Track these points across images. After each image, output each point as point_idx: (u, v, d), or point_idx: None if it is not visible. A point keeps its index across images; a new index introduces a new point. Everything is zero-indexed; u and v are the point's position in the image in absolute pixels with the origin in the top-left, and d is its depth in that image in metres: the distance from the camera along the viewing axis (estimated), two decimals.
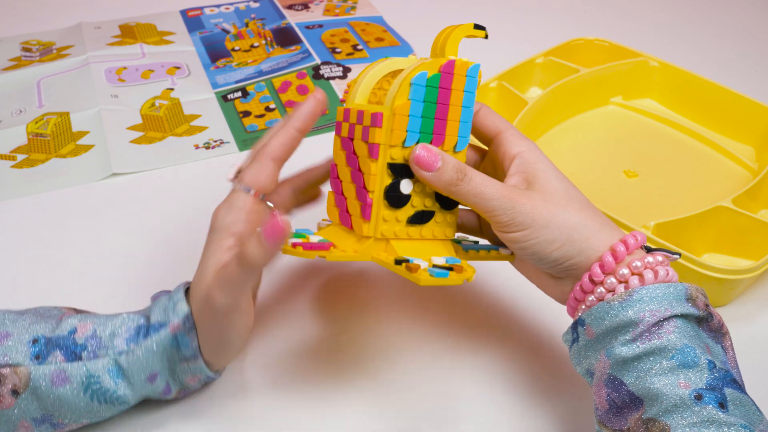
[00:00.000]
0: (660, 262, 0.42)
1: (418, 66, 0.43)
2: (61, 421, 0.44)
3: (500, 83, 0.74)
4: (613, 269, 0.41)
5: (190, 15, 0.99)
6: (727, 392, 0.37)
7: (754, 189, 0.62)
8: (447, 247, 0.47)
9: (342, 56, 0.89)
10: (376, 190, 0.44)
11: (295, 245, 0.42)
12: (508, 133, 0.46)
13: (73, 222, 0.64)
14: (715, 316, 0.41)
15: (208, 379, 0.47)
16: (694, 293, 0.41)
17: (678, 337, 0.39)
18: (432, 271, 0.41)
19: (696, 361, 0.38)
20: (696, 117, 0.75)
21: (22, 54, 0.89)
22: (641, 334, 0.39)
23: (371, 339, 0.54)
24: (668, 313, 0.39)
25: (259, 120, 0.78)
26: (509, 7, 1.02)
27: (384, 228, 0.45)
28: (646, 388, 0.38)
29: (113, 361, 0.43)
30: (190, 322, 0.44)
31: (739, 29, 0.97)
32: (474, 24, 0.46)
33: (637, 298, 0.40)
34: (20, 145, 0.74)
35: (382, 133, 0.43)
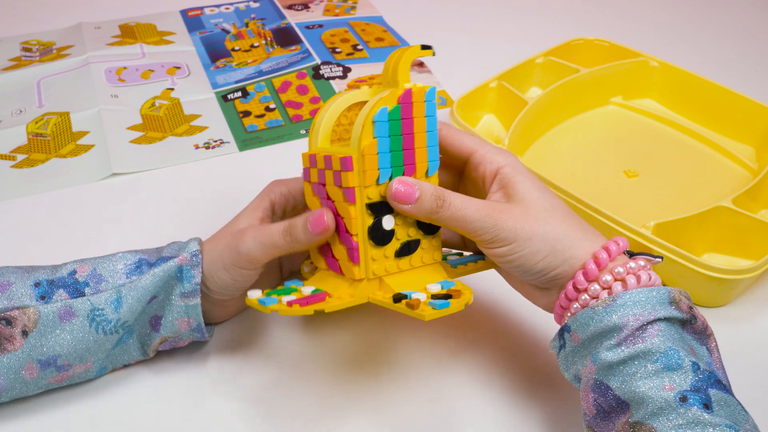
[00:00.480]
0: (642, 266, 0.42)
1: (376, 102, 0.43)
2: (67, 362, 0.47)
3: (500, 83, 0.74)
4: (596, 276, 0.42)
5: (190, 15, 0.99)
6: (711, 393, 0.38)
7: (754, 189, 0.62)
8: (438, 271, 0.47)
9: (342, 56, 0.89)
10: (359, 233, 0.44)
11: (290, 303, 0.43)
12: (482, 151, 0.47)
13: (73, 222, 0.64)
14: (699, 318, 0.41)
15: (198, 331, 0.49)
16: (677, 296, 0.41)
17: (662, 341, 0.39)
18: (433, 303, 0.41)
19: (680, 363, 0.38)
20: (696, 117, 0.75)
21: (22, 54, 0.89)
22: (625, 339, 0.40)
23: (371, 339, 0.54)
24: (651, 317, 0.40)
25: (259, 120, 0.78)
26: (509, 7, 1.02)
27: (375, 267, 0.45)
28: (631, 391, 0.39)
29: (115, 293, 0.47)
30: (198, 258, 0.48)
31: (739, 29, 0.97)
32: (421, 45, 0.46)
33: (621, 303, 0.40)
34: (20, 145, 0.74)
35: (355, 176, 0.43)
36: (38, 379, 0.46)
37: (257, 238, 0.47)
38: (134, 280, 0.47)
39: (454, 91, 0.82)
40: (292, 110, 0.80)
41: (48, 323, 0.45)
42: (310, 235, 0.45)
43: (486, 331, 0.55)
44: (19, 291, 0.46)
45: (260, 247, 0.47)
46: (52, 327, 0.45)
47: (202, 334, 0.50)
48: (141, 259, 0.48)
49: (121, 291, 0.47)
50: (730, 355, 0.53)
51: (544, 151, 0.72)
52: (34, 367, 0.46)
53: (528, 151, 0.72)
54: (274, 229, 0.47)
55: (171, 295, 0.48)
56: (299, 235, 0.46)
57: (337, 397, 0.50)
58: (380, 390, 0.51)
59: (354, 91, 0.48)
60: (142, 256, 0.48)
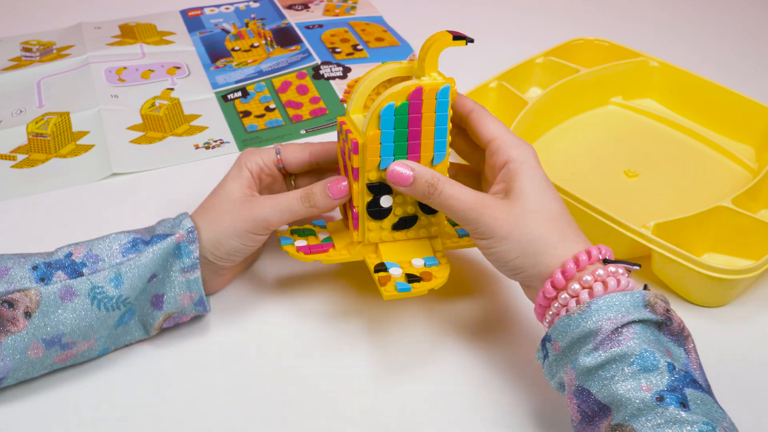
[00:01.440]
0: (613, 273, 0.43)
1: (387, 97, 0.47)
2: (71, 340, 0.48)
3: (500, 83, 0.74)
4: (564, 285, 0.43)
5: (190, 15, 0.99)
6: (687, 392, 0.38)
7: (754, 189, 0.62)
8: (429, 246, 0.53)
9: (342, 56, 0.89)
10: (360, 205, 0.51)
11: (299, 249, 0.52)
12: (499, 141, 0.48)
13: (73, 222, 0.64)
14: (675, 320, 0.42)
15: (200, 305, 0.51)
16: (653, 299, 0.42)
17: (637, 343, 0.40)
18: (400, 285, 0.48)
19: (656, 364, 0.39)
20: (696, 117, 0.75)
21: (23, 54, 0.89)
22: (602, 343, 0.40)
23: (370, 337, 0.54)
24: (626, 319, 0.40)
25: (259, 120, 0.78)
26: (509, 7, 1.02)
27: (370, 235, 0.52)
28: (610, 395, 0.39)
29: (113, 271, 0.48)
30: (194, 234, 0.50)
31: (739, 29, 0.97)
32: (453, 35, 0.48)
33: (595, 308, 0.41)
34: (20, 145, 0.74)
35: (359, 160, 0.49)
36: (44, 358, 0.47)
37: (275, 206, 0.51)
38: (132, 258, 0.48)
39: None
40: (292, 110, 0.80)
41: (50, 303, 0.46)
42: (330, 200, 0.51)
43: (490, 328, 0.55)
44: (18, 274, 0.47)
45: (278, 213, 0.51)
46: (54, 307, 0.46)
47: (204, 307, 0.52)
48: (135, 239, 0.49)
49: (119, 269, 0.48)
50: (730, 355, 0.54)
51: (544, 151, 0.72)
52: (39, 347, 0.47)
53: None
54: (291, 196, 0.51)
55: (170, 272, 0.50)
56: (318, 200, 0.51)
57: (336, 396, 0.50)
58: (380, 389, 0.51)
59: (394, 65, 0.51)
60: (136, 236, 0.50)
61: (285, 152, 0.55)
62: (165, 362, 0.52)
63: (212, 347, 0.53)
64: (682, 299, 0.58)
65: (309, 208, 0.51)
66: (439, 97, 0.48)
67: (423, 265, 0.51)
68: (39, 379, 0.50)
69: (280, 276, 0.59)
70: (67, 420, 0.48)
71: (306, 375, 0.52)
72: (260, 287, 0.58)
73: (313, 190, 0.51)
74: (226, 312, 0.56)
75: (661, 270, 0.57)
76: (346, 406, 0.50)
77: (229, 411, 0.49)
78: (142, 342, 0.53)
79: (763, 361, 0.53)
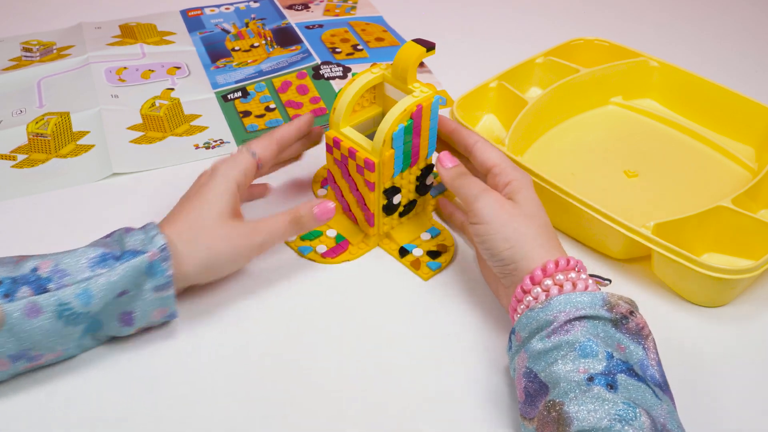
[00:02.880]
0: (583, 279, 0.47)
1: (395, 120, 0.54)
2: (38, 353, 0.48)
3: (500, 83, 0.74)
4: (540, 281, 0.47)
5: (190, 15, 0.99)
6: (619, 378, 0.42)
7: (754, 189, 0.62)
8: (426, 218, 0.63)
9: (342, 56, 0.89)
10: (376, 208, 0.59)
11: (324, 255, 0.60)
12: (503, 166, 0.54)
13: (73, 222, 0.64)
14: (633, 320, 0.45)
15: (171, 316, 0.52)
16: (615, 301, 0.45)
17: (583, 333, 0.44)
18: (430, 265, 0.59)
19: (595, 352, 0.43)
20: (696, 117, 0.75)
21: (23, 54, 0.89)
22: (554, 331, 0.44)
23: (370, 335, 0.54)
24: (579, 313, 0.44)
25: (259, 120, 0.78)
26: (509, 7, 1.02)
27: (385, 228, 0.61)
28: (551, 374, 0.43)
29: (80, 286, 0.47)
30: (167, 252, 0.49)
31: (739, 29, 0.97)
32: (425, 47, 0.55)
33: (555, 303, 0.45)
34: (20, 145, 0.74)
35: (376, 175, 0.56)
36: (11, 369, 0.48)
37: (271, 232, 0.54)
38: (101, 273, 0.47)
39: (454, 91, 0.82)
40: (292, 110, 0.80)
41: (15, 320, 0.45)
42: (317, 223, 0.55)
43: (490, 326, 0.55)
44: None
45: (272, 239, 0.54)
46: (19, 324, 0.46)
47: (174, 316, 0.52)
48: (104, 253, 0.48)
49: (87, 284, 0.47)
50: (730, 354, 0.54)
51: (544, 151, 0.72)
52: (6, 362, 0.47)
53: (528, 151, 0.72)
54: (281, 220, 0.54)
55: (143, 290, 0.49)
56: (307, 224, 0.55)
57: (336, 394, 0.50)
58: (380, 388, 0.51)
59: (369, 76, 0.58)
60: (105, 250, 0.49)
61: (261, 152, 0.57)
62: (165, 362, 0.52)
63: (212, 347, 0.53)
64: (682, 299, 0.58)
65: (298, 231, 0.55)
66: (432, 107, 0.56)
67: (430, 237, 0.62)
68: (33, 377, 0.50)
69: (276, 273, 0.59)
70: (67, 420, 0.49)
71: (305, 374, 0.52)
72: (257, 286, 0.58)
73: (301, 214, 0.55)
74: (226, 313, 0.56)
75: (661, 270, 0.57)
76: (346, 405, 0.50)
77: (229, 410, 0.49)
78: (138, 341, 0.53)
79: (762, 361, 0.53)
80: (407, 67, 0.55)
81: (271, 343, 0.54)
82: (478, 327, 0.55)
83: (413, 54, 0.55)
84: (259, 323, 0.55)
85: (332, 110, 0.58)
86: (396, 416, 0.49)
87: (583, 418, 0.40)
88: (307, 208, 0.55)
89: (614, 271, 0.60)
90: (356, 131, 0.58)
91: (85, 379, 0.51)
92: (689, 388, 0.51)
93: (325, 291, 0.58)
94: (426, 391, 0.51)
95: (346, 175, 0.59)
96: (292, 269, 0.59)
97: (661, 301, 0.58)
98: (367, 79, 0.58)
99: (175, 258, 0.50)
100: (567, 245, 0.62)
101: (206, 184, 0.54)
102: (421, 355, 0.53)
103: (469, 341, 0.54)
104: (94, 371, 0.51)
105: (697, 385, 0.51)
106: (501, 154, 0.55)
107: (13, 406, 0.49)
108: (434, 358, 0.53)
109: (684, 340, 0.55)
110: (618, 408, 0.40)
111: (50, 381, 0.50)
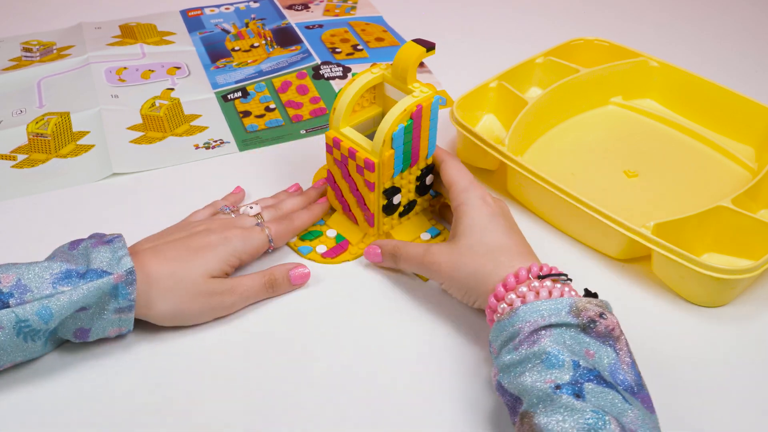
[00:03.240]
0: (547, 286, 0.47)
1: (394, 120, 0.54)
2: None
3: (500, 83, 0.74)
4: (503, 296, 0.48)
5: (190, 15, 0.99)
6: (587, 386, 0.42)
7: (754, 189, 0.62)
8: (425, 218, 0.63)
9: (342, 56, 0.89)
10: (375, 209, 0.59)
11: (324, 255, 0.60)
12: (454, 187, 0.56)
13: (73, 222, 0.64)
14: (603, 323, 0.44)
15: (126, 332, 0.52)
16: (582, 305, 0.45)
17: (550, 343, 0.43)
18: None
19: (562, 361, 0.43)
20: (696, 117, 0.75)
21: (23, 54, 0.89)
22: (521, 343, 0.44)
23: (369, 336, 0.54)
24: (543, 322, 0.44)
25: (259, 120, 0.78)
26: (509, 7, 1.02)
27: (385, 228, 0.61)
28: (518, 386, 0.43)
29: (41, 303, 0.46)
30: (133, 275, 0.49)
31: (739, 29, 0.97)
32: (426, 47, 0.55)
33: (521, 313, 0.45)
34: (20, 145, 0.74)
35: (376, 175, 0.56)
36: None
37: (243, 294, 0.54)
38: (64, 291, 0.47)
39: (454, 91, 0.82)
40: (292, 110, 0.80)
41: None
42: (292, 287, 0.57)
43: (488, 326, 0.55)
44: None
45: (245, 301, 0.55)
46: None
47: (128, 331, 0.52)
48: (69, 270, 0.48)
49: (49, 302, 0.46)
50: (730, 354, 0.54)
51: (544, 151, 0.72)
52: None
53: (528, 151, 0.72)
54: (256, 282, 0.55)
55: (104, 310, 0.49)
56: (281, 288, 0.56)
57: (337, 393, 0.50)
58: (380, 388, 0.51)
59: (369, 76, 0.58)
60: (69, 266, 0.48)
61: (278, 241, 0.59)
62: (162, 363, 0.52)
63: (210, 348, 0.53)
64: (682, 299, 0.58)
65: (271, 294, 0.56)
66: (432, 107, 0.56)
67: (430, 237, 0.62)
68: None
69: None
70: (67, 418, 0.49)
71: (303, 375, 0.52)
72: None
73: (275, 277, 0.56)
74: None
75: (661, 270, 0.57)
76: (344, 406, 0.50)
77: (227, 410, 0.49)
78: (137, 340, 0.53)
79: (762, 361, 0.53)
80: (407, 67, 0.56)
81: (269, 343, 0.54)
82: (478, 328, 0.55)
83: (413, 54, 0.55)
84: (257, 324, 0.55)
85: (332, 110, 0.58)
86: (395, 417, 0.49)
87: (553, 428, 0.40)
88: (283, 271, 0.56)
89: (614, 271, 0.60)
90: (356, 131, 0.58)
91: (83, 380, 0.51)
92: (689, 387, 0.51)
93: (325, 291, 0.58)
94: (425, 392, 0.51)
95: (346, 176, 0.59)
96: None
97: (661, 301, 0.58)
98: (367, 79, 0.58)
99: (144, 299, 0.50)
100: (567, 245, 0.62)
101: (213, 247, 0.54)
102: (421, 356, 0.53)
103: (469, 342, 0.54)
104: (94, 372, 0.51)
105: (697, 385, 0.51)
106: (458, 171, 0.57)
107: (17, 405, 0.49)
108: (434, 358, 0.53)
109: (684, 340, 0.55)
110: (586, 417, 0.39)
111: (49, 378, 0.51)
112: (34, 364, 0.51)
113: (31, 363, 0.51)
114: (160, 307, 0.51)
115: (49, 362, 0.51)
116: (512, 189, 0.66)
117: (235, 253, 0.55)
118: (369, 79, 0.58)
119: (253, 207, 0.60)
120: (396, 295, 0.58)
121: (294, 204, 0.62)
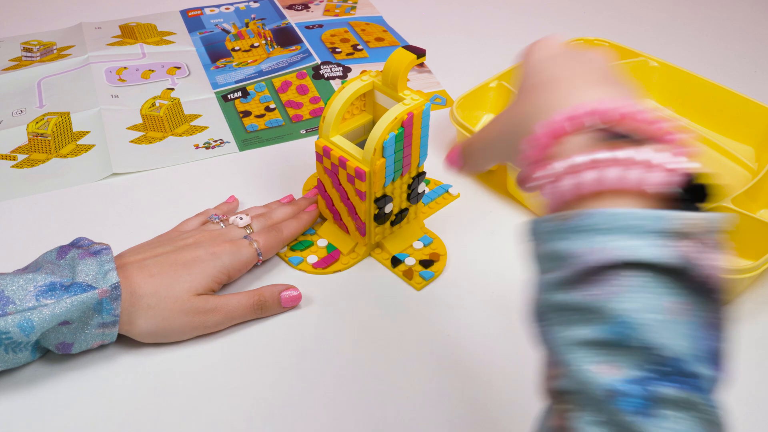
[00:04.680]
0: (624, 160, 0.27)
1: (385, 129, 0.53)
2: None
3: (500, 83, 0.74)
4: (544, 158, 0.31)
5: (190, 15, 0.99)
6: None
7: (754, 189, 0.62)
8: (417, 227, 0.62)
9: (342, 56, 0.89)
10: (368, 217, 0.57)
11: (315, 265, 0.59)
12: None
13: (73, 222, 0.64)
14: (708, 266, 0.26)
15: (109, 342, 0.51)
16: (686, 226, 0.26)
17: (628, 301, 0.26)
18: (423, 274, 0.58)
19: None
20: (695, 117, 0.75)
21: (23, 54, 0.89)
22: (576, 280, 0.28)
23: (362, 347, 0.54)
24: (614, 255, 0.26)
25: (259, 120, 0.78)
26: (509, 7, 1.02)
27: (376, 237, 0.60)
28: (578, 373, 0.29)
29: (24, 316, 0.46)
30: (118, 291, 0.48)
31: (738, 29, 0.97)
32: (416, 54, 0.54)
33: (581, 221, 0.28)
34: (21, 145, 0.74)
35: (367, 184, 0.55)
36: None
37: (229, 314, 0.53)
38: (47, 304, 0.46)
39: (454, 91, 0.82)
40: (292, 110, 0.80)
41: None
42: (282, 309, 0.55)
43: (491, 327, 0.55)
44: None
45: (230, 321, 0.53)
46: None
47: (111, 342, 0.51)
48: (53, 282, 0.47)
49: (31, 314, 0.46)
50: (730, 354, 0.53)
51: None
52: None
53: None
54: (244, 304, 0.53)
55: (87, 324, 0.48)
56: (270, 310, 0.55)
57: (337, 392, 0.50)
58: (380, 389, 0.51)
59: (359, 84, 0.57)
60: (54, 279, 0.47)
61: (266, 253, 0.58)
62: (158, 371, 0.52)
63: (203, 358, 0.53)
64: None
65: (260, 315, 0.54)
66: (423, 115, 0.55)
67: (423, 246, 0.61)
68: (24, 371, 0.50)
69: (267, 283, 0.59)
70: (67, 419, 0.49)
71: (296, 386, 0.51)
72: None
73: (265, 298, 0.54)
74: None
75: None
76: (339, 416, 0.50)
77: (220, 419, 0.49)
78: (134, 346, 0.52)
79: (763, 360, 0.53)
80: (398, 74, 0.55)
81: (262, 355, 0.53)
82: (471, 338, 0.55)
83: (403, 61, 0.54)
84: (249, 335, 0.54)
85: (321, 119, 0.56)
86: (388, 427, 0.49)
87: None
88: (273, 293, 0.54)
89: None
90: (346, 140, 0.57)
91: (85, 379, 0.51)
92: None
93: (317, 302, 0.57)
94: (418, 401, 0.51)
95: (336, 185, 0.58)
96: (282, 280, 0.58)
97: None
98: (357, 86, 0.57)
99: (126, 315, 0.49)
100: None
101: (201, 262, 0.53)
102: (414, 367, 0.53)
103: (462, 352, 0.54)
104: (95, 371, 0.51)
105: None
106: None
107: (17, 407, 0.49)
108: (427, 369, 0.53)
109: None
110: None
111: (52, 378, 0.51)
112: (15, 373, 0.51)
113: (11, 372, 0.50)
114: (141, 324, 0.50)
115: (30, 371, 0.51)
116: (512, 189, 0.66)
117: (223, 269, 0.54)
118: (359, 87, 0.57)
119: (243, 218, 0.59)
120: (388, 306, 0.57)
121: (284, 213, 0.61)
